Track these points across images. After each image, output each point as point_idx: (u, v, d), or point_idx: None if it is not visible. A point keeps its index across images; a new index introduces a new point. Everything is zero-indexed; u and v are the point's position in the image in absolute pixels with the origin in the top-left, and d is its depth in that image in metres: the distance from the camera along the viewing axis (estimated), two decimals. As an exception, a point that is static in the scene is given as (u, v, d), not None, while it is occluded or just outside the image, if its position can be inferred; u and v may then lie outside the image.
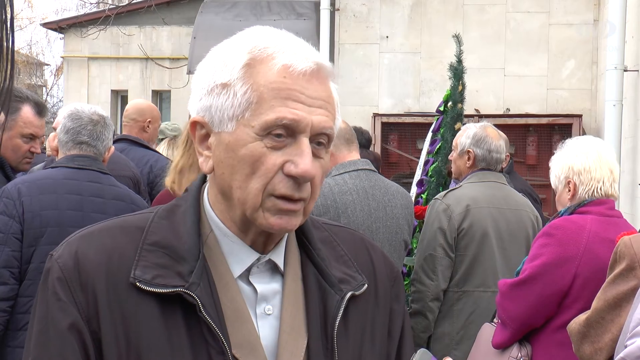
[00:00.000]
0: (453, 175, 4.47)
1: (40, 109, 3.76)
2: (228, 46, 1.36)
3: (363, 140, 6.80)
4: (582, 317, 2.85)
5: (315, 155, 1.33)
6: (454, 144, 4.40)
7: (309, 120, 1.29)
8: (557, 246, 3.16)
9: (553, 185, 3.40)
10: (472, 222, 4.02)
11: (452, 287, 4.07)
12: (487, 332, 3.47)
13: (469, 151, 4.20)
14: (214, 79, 1.33)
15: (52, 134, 3.54)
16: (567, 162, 3.29)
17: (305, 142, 1.30)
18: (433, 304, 4.05)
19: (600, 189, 3.24)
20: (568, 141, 3.39)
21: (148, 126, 5.42)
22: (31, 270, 3.17)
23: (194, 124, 1.38)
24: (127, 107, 5.65)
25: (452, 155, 4.40)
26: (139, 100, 6.05)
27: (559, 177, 3.33)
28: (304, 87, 1.30)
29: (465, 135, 4.25)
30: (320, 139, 1.33)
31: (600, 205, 3.22)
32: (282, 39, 1.34)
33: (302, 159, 1.29)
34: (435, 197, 4.25)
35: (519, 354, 3.26)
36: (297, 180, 1.30)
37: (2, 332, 3.18)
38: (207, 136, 1.37)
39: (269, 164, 1.29)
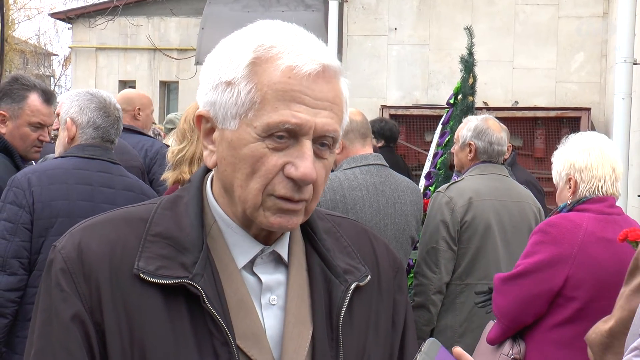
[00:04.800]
0: (455, 167, 4.46)
1: (48, 97, 3.71)
2: (235, 41, 1.34)
3: (388, 133, 6.73)
4: (604, 327, 2.74)
5: (318, 156, 1.32)
6: (455, 136, 4.39)
7: (312, 123, 1.28)
8: (551, 244, 3.13)
9: (554, 181, 3.36)
10: (474, 214, 4.01)
11: (454, 280, 4.07)
12: (489, 329, 3.47)
13: (470, 144, 4.20)
14: (219, 75, 1.32)
15: (68, 120, 3.42)
16: (569, 159, 3.25)
17: (307, 144, 1.29)
18: (436, 297, 4.05)
19: (601, 187, 3.18)
20: (571, 137, 3.34)
21: (139, 114, 5.44)
22: (41, 261, 3.14)
23: (200, 117, 1.38)
24: (117, 98, 5.66)
25: (454, 148, 4.39)
26: (127, 90, 6.07)
27: (560, 173, 3.29)
28: (309, 88, 1.28)
29: (467, 127, 4.25)
30: (324, 141, 1.31)
31: (600, 203, 3.17)
32: (289, 37, 1.32)
33: (303, 162, 1.28)
34: (438, 189, 4.25)
35: (511, 351, 3.25)
36: (297, 182, 1.29)
37: (12, 323, 3.17)
38: (212, 130, 1.36)
39: (270, 165, 1.28)
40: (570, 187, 3.25)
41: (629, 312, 2.62)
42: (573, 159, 3.23)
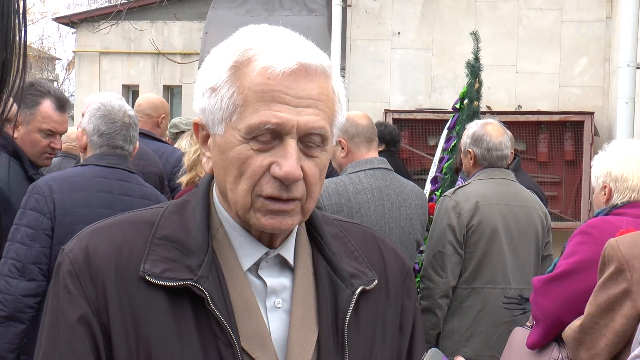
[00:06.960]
0: (464, 172, 4.47)
1: (62, 104, 3.67)
2: (220, 49, 1.37)
3: (388, 137, 6.67)
4: (577, 322, 2.87)
5: (307, 155, 1.32)
6: (460, 143, 4.41)
7: (294, 122, 1.29)
8: (594, 245, 3.16)
9: (592, 185, 3.42)
10: (481, 218, 4.02)
11: (461, 284, 4.08)
12: (519, 335, 3.47)
13: (469, 151, 4.22)
14: (206, 82, 1.35)
15: (79, 130, 3.47)
16: (606, 166, 3.29)
17: (290, 143, 1.30)
18: (442, 301, 4.06)
19: (634, 197, 3.24)
20: (613, 143, 3.39)
21: (162, 122, 5.44)
22: None
23: (196, 125, 1.41)
24: (140, 101, 5.59)
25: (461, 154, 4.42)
26: (151, 95, 6.02)
27: (597, 179, 3.34)
28: (289, 87, 1.29)
29: (466, 134, 4.28)
30: (312, 139, 1.32)
31: (637, 208, 3.23)
32: (268, 39, 1.33)
33: (287, 160, 1.29)
34: (444, 194, 4.25)
35: (560, 355, 3.24)
36: (283, 181, 1.30)
37: (30, 329, 3.14)
38: (207, 137, 1.39)
39: (255, 166, 1.30)
40: (605, 194, 3.30)
41: (596, 307, 2.75)
42: (610, 167, 3.28)
